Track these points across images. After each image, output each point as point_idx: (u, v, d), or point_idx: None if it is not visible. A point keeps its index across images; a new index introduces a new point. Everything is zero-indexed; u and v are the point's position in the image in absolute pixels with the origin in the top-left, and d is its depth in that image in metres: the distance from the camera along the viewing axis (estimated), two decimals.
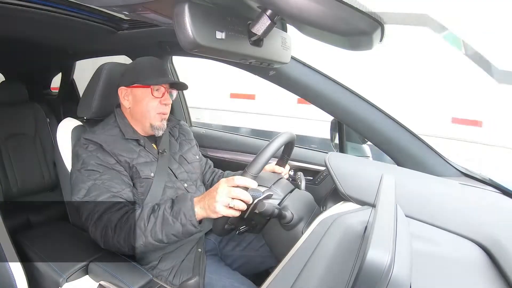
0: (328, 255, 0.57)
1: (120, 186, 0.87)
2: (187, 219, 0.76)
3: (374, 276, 0.35)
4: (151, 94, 0.95)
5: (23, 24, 1.19)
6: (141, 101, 0.96)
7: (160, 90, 0.96)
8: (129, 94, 0.98)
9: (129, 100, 0.98)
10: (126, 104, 0.99)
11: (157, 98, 0.96)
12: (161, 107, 0.97)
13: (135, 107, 0.98)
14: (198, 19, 0.52)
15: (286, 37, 0.80)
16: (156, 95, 0.95)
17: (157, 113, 0.97)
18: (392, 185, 0.60)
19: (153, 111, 0.96)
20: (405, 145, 1.01)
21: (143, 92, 0.96)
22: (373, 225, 0.42)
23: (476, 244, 0.64)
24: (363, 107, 1.03)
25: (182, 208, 0.77)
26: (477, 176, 0.95)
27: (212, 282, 0.89)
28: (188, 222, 0.76)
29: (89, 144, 0.91)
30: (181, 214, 0.76)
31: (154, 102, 0.96)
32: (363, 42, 0.54)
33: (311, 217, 0.83)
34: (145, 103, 0.96)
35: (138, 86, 0.95)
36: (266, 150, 0.78)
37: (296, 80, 1.06)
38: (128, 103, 0.98)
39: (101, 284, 0.83)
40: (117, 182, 0.87)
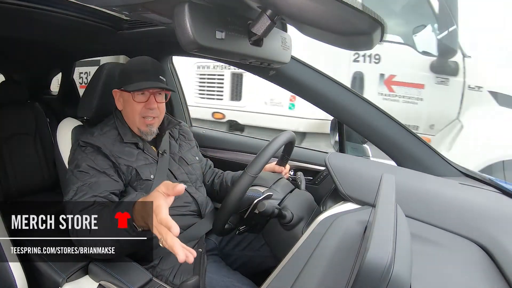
0: (328, 255, 0.57)
1: (106, 190, 0.85)
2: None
3: (374, 276, 0.35)
4: (132, 99, 0.94)
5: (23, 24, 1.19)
6: (127, 105, 0.96)
7: (144, 94, 0.94)
8: (120, 97, 0.98)
9: (121, 102, 0.98)
10: (119, 107, 0.99)
11: (140, 102, 0.94)
12: (145, 111, 0.95)
13: (124, 111, 0.98)
14: (198, 19, 0.52)
15: (286, 37, 0.80)
16: (138, 100, 0.94)
17: (142, 117, 0.95)
18: (392, 185, 0.60)
19: (138, 115, 0.95)
20: (405, 145, 1.01)
21: (128, 96, 0.95)
22: (373, 225, 0.42)
23: (476, 244, 0.64)
24: (363, 107, 1.03)
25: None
26: (477, 176, 0.95)
27: (212, 282, 0.89)
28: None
29: (87, 146, 0.91)
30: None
31: (138, 107, 0.95)
32: (363, 42, 0.54)
33: (311, 217, 0.83)
34: (129, 108, 0.96)
35: (124, 90, 0.95)
36: (266, 150, 0.78)
37: (296, 80, 1.06)
38: (120, 105, 0.99)
39: (101, 284, 0.83)
40: (105, 185, 0.86)
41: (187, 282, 0.76)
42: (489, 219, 0.69)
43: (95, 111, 1.05)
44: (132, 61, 1.01)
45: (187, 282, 0.77)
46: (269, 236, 0.89)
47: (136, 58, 1.01)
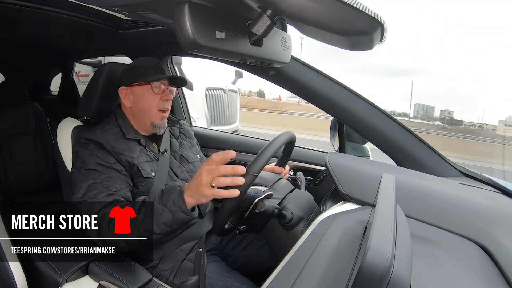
0: (328, 255, 0.57)
1: (119, 186, 0.87)
2: (176, 206, 0.76)
3: (374, 276, 0.35)
4: (151, 91, 0.96)
5: (23, 24, 1.19)
6: (142, 99, 0.97)
7: (160, 87, 0.97)
8: (129, 93, 0.99)
9: (130, 99, 0.99)
10: (127, 104, 0.99)
11: (157, 94, 0.97)
12: (162, 103, 0.98)
13: (137, 106, 0.99)
14: (198, 19, 0.52)
15: (286, 37, 0.80)
16: (157, 92, 0.97)
17: (158, 110, 0.98)
18: (392, 185, 0.60)
19: (154, 108, 0.97)
20: (405, 145, 1.01)
21: (143, 89, 0.97)
22: (373, 225, 0.42)
23: (476, 244, 0.64)
24: (363, 107, 1.03)
25: (171, 196, 0.77)
26: (477, 176, 0.95)
27: (212, 282, 0.89)
28: (178, 208, 0.76)
29: (89, 143, 0.91)
30: (170, 202, 0.76)
31: (155, 99, 0.97)
32: (363, 42, 0.54)
33: (311, 217, 0.83)
34: (146, 100, 0.97)
35: (138, 84, 0.97)
36: (267, 149, 0.78)
37: (296, 80, 1.06)
38: (129, 102, 0.99)
39: (101, 284, 0.83)
40: (116, 181, 0.87)
41: (187, 282, 0.76)
42: (489, 219, 0.69)
43: (95, 111, 1.06)
44: (140, 59, 1.03)
45: (187, 282, 0.77)
46: (269, 236, 0.89)
47: (142, 58, 1.03)
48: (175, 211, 0.76)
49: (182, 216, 0.76)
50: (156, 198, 0.79)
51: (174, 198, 0.76)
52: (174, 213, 0.76)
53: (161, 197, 0.78)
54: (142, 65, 0.99)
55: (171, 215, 0.76)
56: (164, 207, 0.76)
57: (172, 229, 0.79)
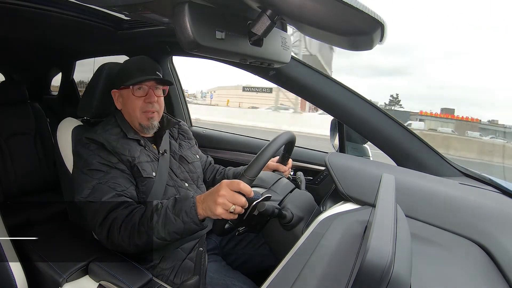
0: (328, 255, 0.57)
1: (124, 185, 0.87)
2: (189, 217, 0.76)
3: (374, 276, 0.35)
4: (132, 94, 0.97)
5: (23, 24, 1.19)
6: (127, 101, 0.98)
7: (142, 88, 0.97)
8: (119, 96, 1.00)
9: (120, 101, 1.01)
10: (118, 106, 1.01)
11: (139, 97, 0.97)
12: (145, 105, 0.97)
13: (124, 108, 1.00)
14: (198, 19, 0.52)
15: (286, 37, 0.80)
16: (137, 95, 0.97)
17: (143, 112, 0.98)
18: (392, 185, 0.60)
19: (138, 110, 0.97)
20: (405, 145, 1.01)
21: (127, 92, 0.98)
22: (373, 225, 0.42)
23: (476, 244, 0.64)
24: (363, 107, 1.03)
25: (184, 207, 0.77)
26: (477, 176, 0.95)
27: (213, 281, 0.89)
28: (190, 220, 0.76)
29: (91, 143, 0.91)
30: (183, 213, 0.76)
31: (137, 102, 0.97)
32: (363, 42, 0.54)
33: (311, 217, 0.83)
34: (129, 104, 0.98)
35: (123, 88, 0.98)
36: (263, 153, 0.77)
37: (296, 80, 1.06)
38: (119, 105, 1.01)
39: (101, 284, 0.83)
40: (121, 181, 0.88)
41: (188, 282, 0.76)
42: (489, 219, 0.69)
43: (95, 111, 1.06)
44: (129, 60, 1.03)
45: (188, 281, 0.77)
46: (269, 236, 0.89)
47: (133, 58, 1.04)
48: (187, 221, 0.76)
49: (194, 227, 0.77)
50: (169, 207, 0.78)
51: (187, 209, 0.76)
52: (186, 224, 0.76)
53: (174, 206, 0.78)
54: (128, 67, 1.00)
55: (183, 225, 0.76)
56: (177, 217, 0.76)
57: (182, 237, 0.79)
